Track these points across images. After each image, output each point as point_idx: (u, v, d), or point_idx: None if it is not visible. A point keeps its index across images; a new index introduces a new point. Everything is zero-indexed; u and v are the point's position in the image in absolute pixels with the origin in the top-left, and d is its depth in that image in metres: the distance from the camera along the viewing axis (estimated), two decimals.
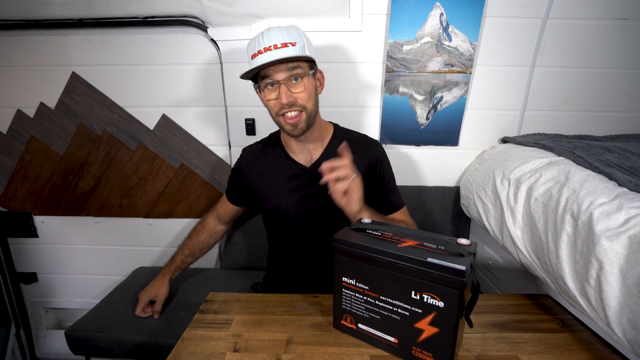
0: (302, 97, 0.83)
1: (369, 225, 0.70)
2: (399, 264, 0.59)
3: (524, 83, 1.20)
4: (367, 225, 0.70)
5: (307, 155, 0.95)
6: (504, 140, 1.24)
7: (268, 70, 0.80)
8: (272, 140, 1.01)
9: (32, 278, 1.51)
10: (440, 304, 0.57)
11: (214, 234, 1.16)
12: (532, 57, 1.16)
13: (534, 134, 1.23)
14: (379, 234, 0.66)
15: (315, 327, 0.74)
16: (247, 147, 1.05)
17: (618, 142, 1.07)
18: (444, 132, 1.26)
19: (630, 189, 0.70)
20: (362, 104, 1.25)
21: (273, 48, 0.78)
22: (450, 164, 1.31)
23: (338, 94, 1.22)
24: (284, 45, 0.78)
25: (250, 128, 1.28)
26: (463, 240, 0.61)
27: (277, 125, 0.90)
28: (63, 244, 1.47)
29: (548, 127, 1.24)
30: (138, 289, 1.11)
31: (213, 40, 1.20)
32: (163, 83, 1.25)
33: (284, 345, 0.68)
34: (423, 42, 1.15)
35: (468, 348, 0.67)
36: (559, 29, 1.13)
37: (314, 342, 0.69)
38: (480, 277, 1.24)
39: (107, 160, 1.36)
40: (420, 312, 0.59)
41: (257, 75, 0.85)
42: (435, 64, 1.18)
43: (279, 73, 0.80)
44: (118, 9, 1.14)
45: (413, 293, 0.59)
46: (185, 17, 1.17)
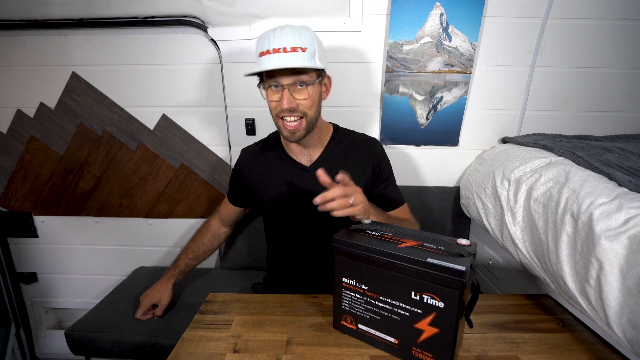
0: (304, 104, 0.82)
1: (369, 226, 0.70)
2: (399, 265, 0.59)
3: (524, 83, 1.20)
4: (366, 226, 0.70)
5: (306, 156, 0.95)
6: (504, 141, 1.24)
7: (274, 72, 0.79)
8: (271, 141, 1.01)
9: (32, 278, 1.51)
10: (440, 305, 0.57)
11: (218, 237, 1.16)
12: (532, 57, 1.16)
13: (534, 134, 1.23)
14: (379, 235, 0.66)
15: (315, 327, 0.74)
16: (246, 147, 1.05)
17: (618, 142, 1.07)
18: (444, 132, 1.26)
19: (630, 189, 0.70)
20: (362, 104, 1.25)
21: (282, 51, 0.76)
22: (450, 164, 1.31)
23: (338, 94, 1.22)
24: (294, 50, 0.77)
25: (250, 128, 1.28)
26: (463, 241, 0.61)
27: (276, 127, 0.89)
28: (63, 244, 1.47)
29: (548, 127, 1.24)
30: (138, 289, 1.11)
31: (213, 40, 1.20)
32: (163, 83, 1.25)
33: (284, 346, 0.68)
34: (423, 42, 1.15)
35: (468, 348, 0.67)
36: (559, 29, 1.13)
37: (314, 342, 0.69)
38: (480, 277, 1.24)
39: (107, 160, 1.36)
40: (420, 312, 0.59)
41: (262, 72, 0.83)
42: (435, 64, 1.18)
43: (285, 77, 0.79)
44: (118, 9, 1.14)
45: (413, 293, 0.59)
46: (185, 17, 1.17)
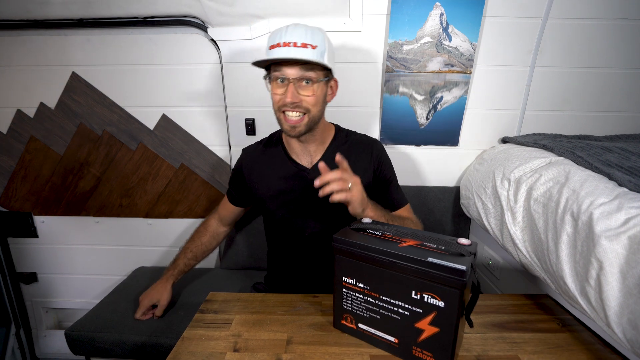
0: (308, 100, 0.82)
1: (369, 225, 0.70)
2: (400, 264, 0.59)
3: (524, 83, 1.20)
4: (367, 225, 0.70)
5: (308, 157, 0.95)
6: (504, 140, 1.24)
7: (281, 65, 0.80)
8: (273, 141, 1.00)
9: (32, 278, 1.51)
10: (441, 304, 0.57)
11: (216, 236, 1.15)
12: (532, 57, 1.16)
13: (534, 134, 1.23)
14: (379, 234, 0.66)
15: (316, 327, 0.74)
16: (247, 147, 1.05)
17: (618, 142, 1.08)
18: (444, 132, 1.26)
19: (630, 189, 0.70)
20: (362, 104, 1.25)
21: (292, 45, 0.77)
22: (450, 164, 1.31)
23: (338, 94, 1.18)
24: (304, 46, 0.77)
25: (250, 128, 1.28)
26: (463, 240, 0.61)
27: (277, 121, 0.88)
28: (63, 244, 1.47)
29: (548, 127, 1.24)
30: (138, 289, 1.11)
31: (213, 40, 1.20)
32: (163, 83, 1.26)
33: (284, 345, 0.68)
34: (423, 42, 1.15)
35: (468, 348, 0.67)
36: (559, 29, 1.13)
37: (314, 342, 0.69)
38: (481, 277, 1.24)
39: (107, 160, 1.36)
40: (421, 311, 0.59)
41: (270, 66, 0.84)
42: (435, 64, 1.18)
43: (292, 71, 0.79)
44: (118, 9, 1.14)
45: (413, 293, 0.59)
46: (185, 17, 1.17)
